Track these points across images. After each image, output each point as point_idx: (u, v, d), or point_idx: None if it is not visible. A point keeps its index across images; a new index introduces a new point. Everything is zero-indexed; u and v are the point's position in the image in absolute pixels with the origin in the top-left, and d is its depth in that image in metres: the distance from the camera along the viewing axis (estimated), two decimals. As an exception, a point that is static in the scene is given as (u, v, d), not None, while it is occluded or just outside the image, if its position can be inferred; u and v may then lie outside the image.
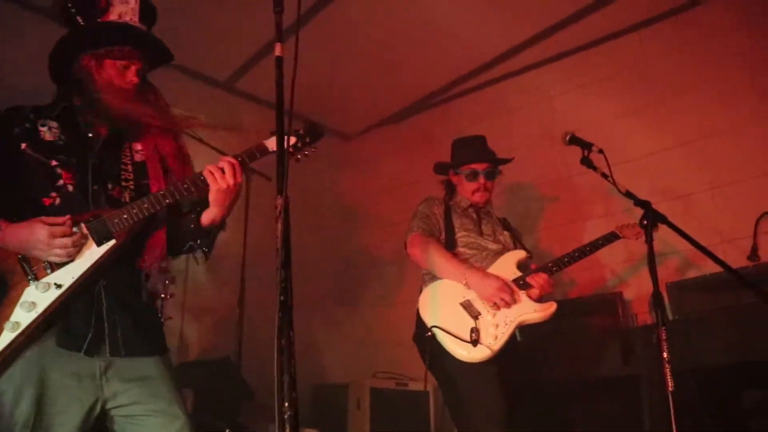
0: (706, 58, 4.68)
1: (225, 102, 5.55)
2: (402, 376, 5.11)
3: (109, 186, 2.38)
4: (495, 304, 3.20)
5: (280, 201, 1.76)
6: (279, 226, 1.74)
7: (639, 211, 3.13)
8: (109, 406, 2.25)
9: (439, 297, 3.29)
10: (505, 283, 3.25)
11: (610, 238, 3.50)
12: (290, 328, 1.65)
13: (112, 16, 2.44)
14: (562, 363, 4.06)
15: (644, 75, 4.96)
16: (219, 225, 2.51)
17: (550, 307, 3.28)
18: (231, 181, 2.37)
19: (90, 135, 2.42)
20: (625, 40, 5.10)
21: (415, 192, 3.74)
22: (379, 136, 6.47)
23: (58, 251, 2.18)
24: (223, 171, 2.37)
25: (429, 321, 3.20)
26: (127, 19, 2.45)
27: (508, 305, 3.20)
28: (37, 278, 2.17)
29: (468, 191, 3.65)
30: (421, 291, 3.41)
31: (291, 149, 2.52)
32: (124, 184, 2.42)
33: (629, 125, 4.90)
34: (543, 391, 3.96)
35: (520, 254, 3.49)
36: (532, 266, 3.43)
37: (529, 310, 3.25)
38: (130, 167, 2.46)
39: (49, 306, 2.15)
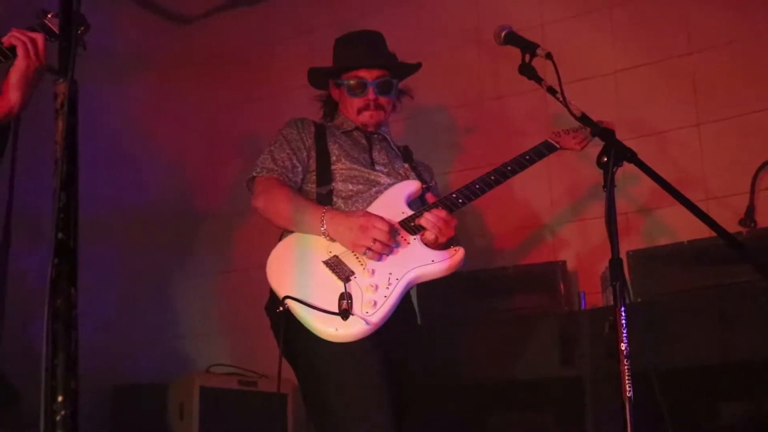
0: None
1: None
2: (249, 371, 5.10)
3: None
4: (368, 249, 3.12)
5: (62, 87, 1.66)
6: (59, 124, 1.64)
7: (595, 150, 3.12)
8: None
9: (296, 255, 3.23)
10: (373, 216, 3.18)
11: (542, 150, 3.50)
12: (72, 283, 1.54)
13: None
14: (479, 358, 4.12)
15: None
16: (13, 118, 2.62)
17: (455, 254, 3.22)
18: (43, 59, 2.57)
19: None
20: None
21: (288, 110, 3.64)
22: (232, 21, 6.29)
23: None
24: (35, 42, 2.54)
25: (281, 291, 3.12)
26: None
27: (386, 247, 3.13)
28: None
29: (352, 109, 3.57)
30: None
31: None
32: None
33: (585, 31, 4.97)
34: (452, 395, 3.99)
35: (411, 186, 3.44)
36: (428, 198, 3.39)
37: (425, 261, 3.18)
38: None
39: None
